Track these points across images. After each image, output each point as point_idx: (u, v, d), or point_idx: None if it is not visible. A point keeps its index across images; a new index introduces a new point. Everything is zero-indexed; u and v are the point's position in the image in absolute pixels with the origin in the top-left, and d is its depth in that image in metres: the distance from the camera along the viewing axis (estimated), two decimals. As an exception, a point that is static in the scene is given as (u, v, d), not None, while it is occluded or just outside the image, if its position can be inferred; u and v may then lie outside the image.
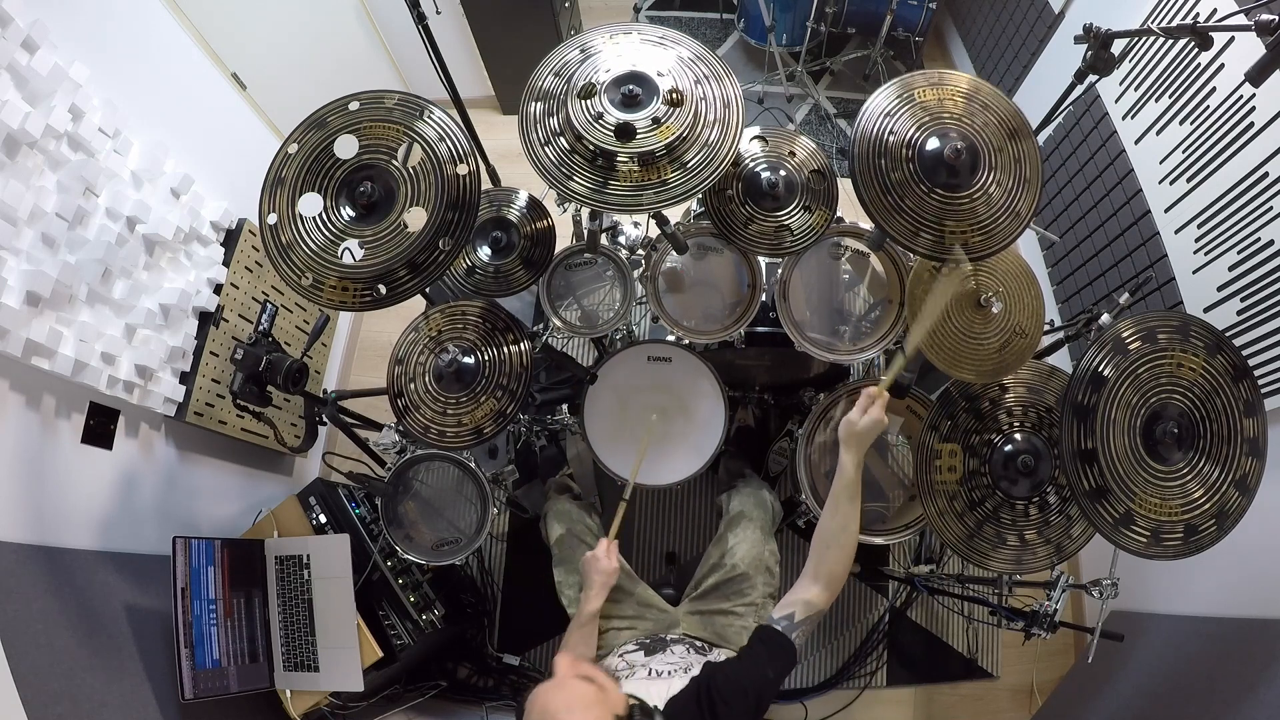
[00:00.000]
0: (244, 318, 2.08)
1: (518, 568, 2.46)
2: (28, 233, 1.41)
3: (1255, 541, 1.35)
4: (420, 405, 1.49)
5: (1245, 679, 1.55)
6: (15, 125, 1.35)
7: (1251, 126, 1.65)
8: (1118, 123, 2.14)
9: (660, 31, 1.36)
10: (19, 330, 1.35)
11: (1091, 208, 2.26)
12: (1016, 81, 2.79)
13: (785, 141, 1.58)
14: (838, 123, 3.23)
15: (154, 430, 1.84)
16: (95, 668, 1.44)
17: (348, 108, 1.33)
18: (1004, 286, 1.46)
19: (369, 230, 1.29)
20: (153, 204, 1.72)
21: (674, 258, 1.71)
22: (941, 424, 1.47)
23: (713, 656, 1.31)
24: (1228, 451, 1.22)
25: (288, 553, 1.79)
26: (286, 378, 1.51)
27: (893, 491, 1.86)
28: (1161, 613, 1.91)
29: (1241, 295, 1.69)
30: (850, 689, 2.32)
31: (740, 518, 1.64)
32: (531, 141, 1.28)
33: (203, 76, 2.13)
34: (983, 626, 2.35)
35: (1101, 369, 1.21)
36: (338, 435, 2.05)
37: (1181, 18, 1.83)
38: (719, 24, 3.58)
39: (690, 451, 1.70)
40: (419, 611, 1.83)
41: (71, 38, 1.53)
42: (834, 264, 1.74)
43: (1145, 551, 1.19)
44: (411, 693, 2.13)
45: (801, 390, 2.06)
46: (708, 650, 1.37)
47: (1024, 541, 1.42)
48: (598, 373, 1.71)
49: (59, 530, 1.50)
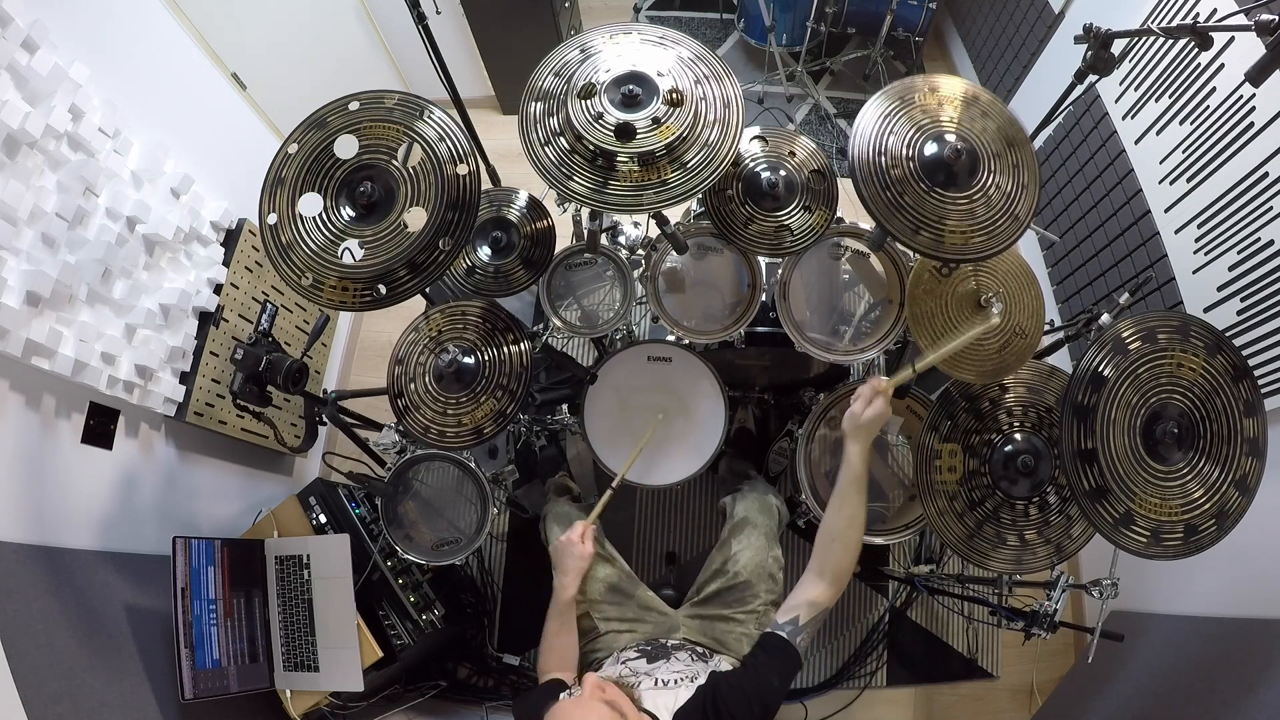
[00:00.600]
0: (244, 318, 2.08)
1: (518, 568, 2.46)
2: (28, 233, 1.41)
3: (1255, 541, 1.35)
4: (421, 406, 1.49)
5: (1245, 679, 1.55)
6: (15, 125, 1.35)
7: (1251, 126, 1.65)
8: (1118, 123, 2.14)
9: (660, 31, 1.36)
10: (19, 330, 1.35)
11: (1091, 208, 2.26)
12: (1016, 81, 2.79)
13: (785, 141, 1.58)
14: (838, 123, 3.23)
15: (154, 430, 1.84)
16: (95, 668, 1.44)
17: (348, 108, 1.33)
18: (1004, 286, 1.46)
19: (369, 230, 1.29)
20: (153, 204, 1.72)
21: (674, 258, 1.71)
22: (941, 424, 1.47)
23: (714, 663, 1.31)
24: (1228, 451, 1.22)
25: (288, 553, 1.79)
26: (286, 378, 1.51)
27: (893, 491, 1.86)
28: (1161, 613, 1.91)
29: (1241, 295, 1.69)
30: (850, 689, 2.32)
31: (745, 524, 1.62)
32: (531, 141, 1.28)
33: (203, 76, 2.13)
34: (983, 626, 2.35)
35: (1101, 369, 1.21)
36: (338, 435, 2.05)
37: (1181, 18, 1.83)
38: (719, 24, 3.58)
39: (690, 451, 1.70)
40: (419, 611, 1.83)
41: (71, 38, 1.53)
42: (834, 264, 1.74)
43: (1145, 551, 1.19)
44: (411, 693, 2.13)
45: (801, 390, 2.06)
46: (709, 657, 1.36)
47: (1024, 541, 1.42)
48: (598, 373, 1.71)
49: (59, 530, 1.50)
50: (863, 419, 1.20)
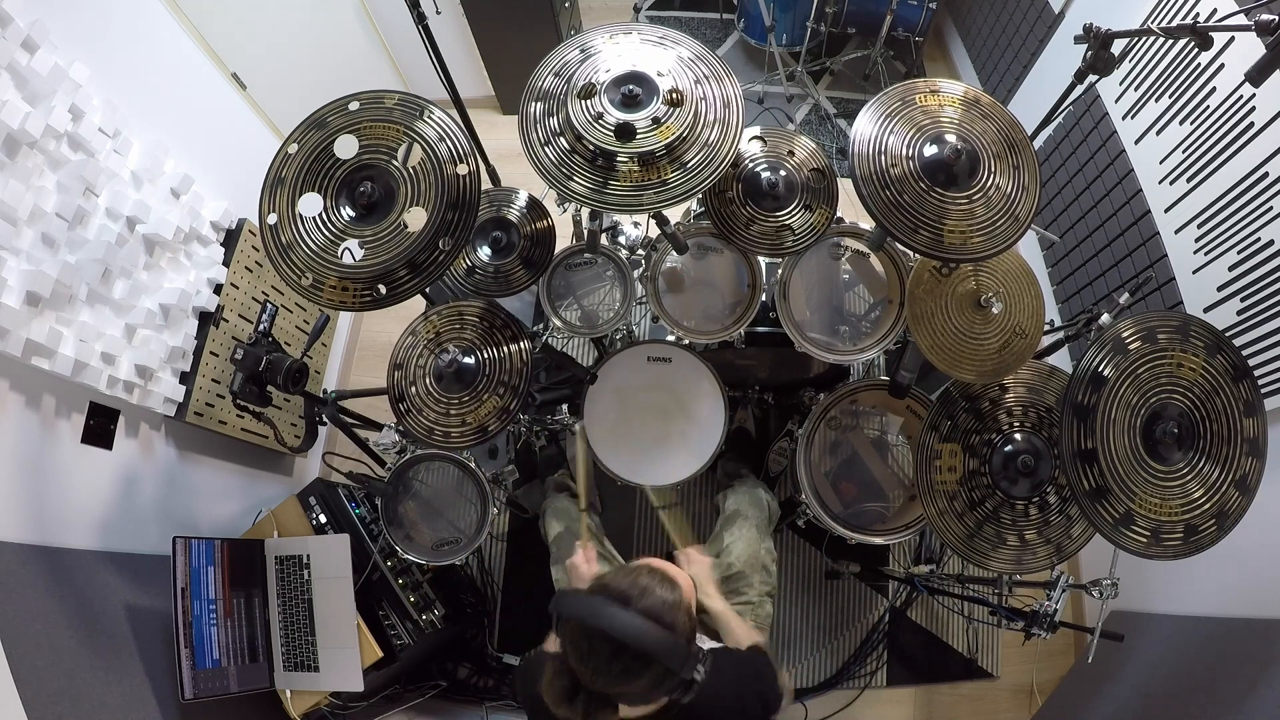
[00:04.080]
0: (244, 318, 2.07)
1: (518, 568, 2.46)
2: (28, 233, 1.41)
3: (1255, 541, 1.35)
4: (422, 407, 1.49)
5: (1245, 679, 1.55)
6: (15, 125, 1.35)
7: (1251, 126, 1.65)
8: (1118, 123, 2.14)
9: (660, 31, 1.36)
10: (19, 330, 1.35)
11: (1091, 208, 2.26)
12: (1017, 81, 2.79)
13: (785, 141, 1.58)
14: (838, 123, 3.23)
15: (154, 430, 1.84)
16: (95, 668, 1.44)
17: (348, 108, 1.33)
18: (1004, 286, 1.46)
19: (369, 230, 1.29)
20: (153, 204, 1.72)
21: (674, 258, 1.71)
22: (941, 424, 1.47)
23: None
24: (1228, 451, 1.22)
25: (288, 553, 1.79)
26: (286, 378, 1.51)
27: (893, 491, 1.86)
28: (1161, 613, 1.91)
29: (1241, 295, 1.69)
30: (850, 689, 2.32)
31: (736, 516, 1.64)
32: (531, 141, 1.28)
33: (203, 76, 2.13)
34: (983, 626, 2.35)
35: (1101, 369, 1.21)
36: (338, 435, 2.05)
37: (1181, 18, 1.83)
38: (719, 24, 3.58)
39: (690, 452, 1.70)
40: (419, 611, 1.83)
41: (71, 38, 1.53)
42: (834, 264, 1.74)
43: (1145, 551, 1.19)
44: (411, 693, 2.13)
45: (801, 390, 2.06)
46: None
47: (1024, 541, 1.42)
48: (598, 373, 1.71)
49: (59, 530, 1.50)
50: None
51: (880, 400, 1.77)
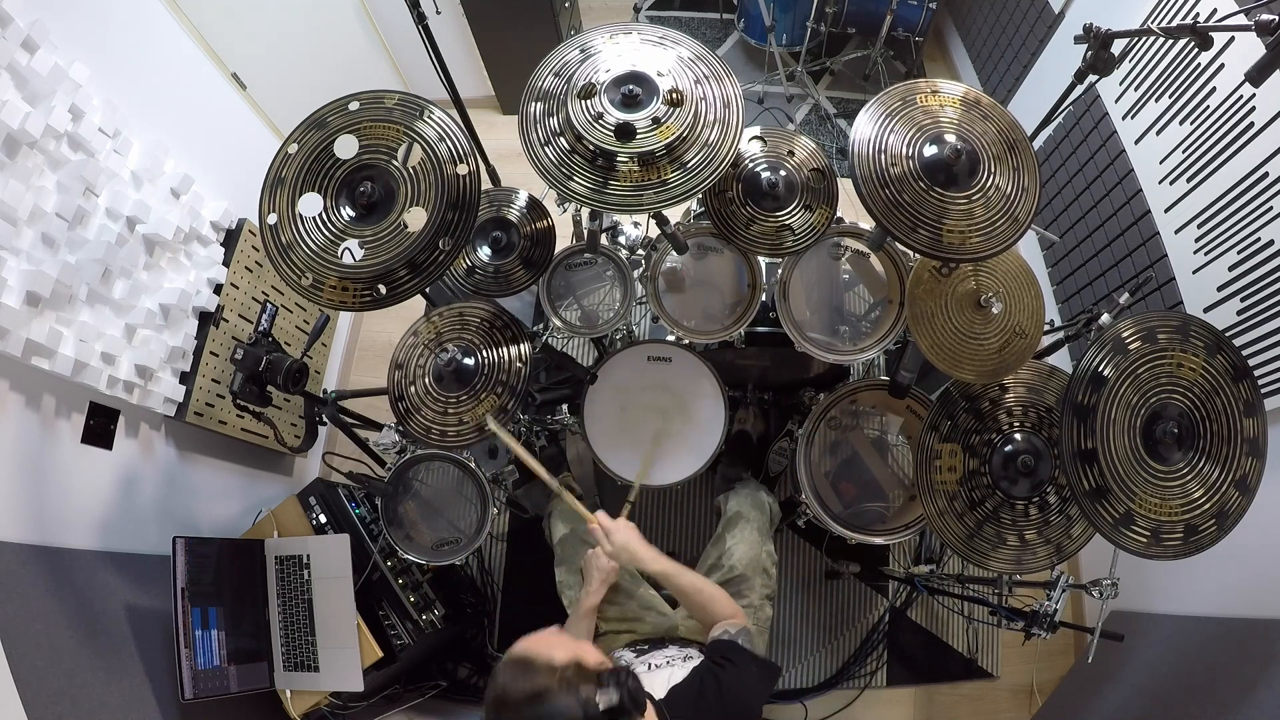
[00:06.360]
0: (244, 318, 2.07)
1: (518, 568, 2.46)
2: (28, 233, 1.41)
3: (1255, 541, 1.34)
4: (421, 407, 1.49)
5: (1245, 679, 1.55)
6: (15, 125, 1.35)
7: (1251, 126, 1.65)
8: (1118, 123, 2.14)
9: (660, 31, 1.36)
10: (19, 330, 1.35)
11: (1091, 208, 2.26)
12: (1016, 81, 2.79)
13: (785, 141, 1.58)
14: (838, 123, 3.23)
15: (154, 430, 1.84)
16: (95, 668, 1.44)
17: (348, 108, 1.33)
18: (1004, 286, 1.46)
19: (369, 230, 1.29)
20: (153, 204, 1.72)
21: (674, 258, 1.71)
22: (941, 424, 1.47)
23: None
24: (1228, 451, 1.22)
25: (288, 553, 1.79)
26: (286, 378, 1.51)
27: (893, 491, 1.86)
28: (1161, 613, 1.91)
29: (1241, 295, 1.69)
30: (850, 689, 2.32)
31: (738, 519, 1.64)
32: (531, 141, 1.28)
33: (203, 76, 2.13)
34: (983, 626, 2.35)
35: (1101, 369, 1.21)
36: (338, 435, 2.05)
37: (1181, 18, 1.83)
38: (719, 24, 3.57)
39: (690, 452, 1.70)
40: (419, 611, 1.83)
41: (71, 38, 1.53)
42: (834, 264, 1.74)
43: (1145, 551, 1.19)
44: (411, 693, 2.13)
45: (801, 390, 2.06)
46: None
47: (1024, 541, 1.42)
48: (598, 373, 1.71)
49: (59, 530, 1.50)
50: (617, 554, 1.36)
51: (880, 400, 1.77)
